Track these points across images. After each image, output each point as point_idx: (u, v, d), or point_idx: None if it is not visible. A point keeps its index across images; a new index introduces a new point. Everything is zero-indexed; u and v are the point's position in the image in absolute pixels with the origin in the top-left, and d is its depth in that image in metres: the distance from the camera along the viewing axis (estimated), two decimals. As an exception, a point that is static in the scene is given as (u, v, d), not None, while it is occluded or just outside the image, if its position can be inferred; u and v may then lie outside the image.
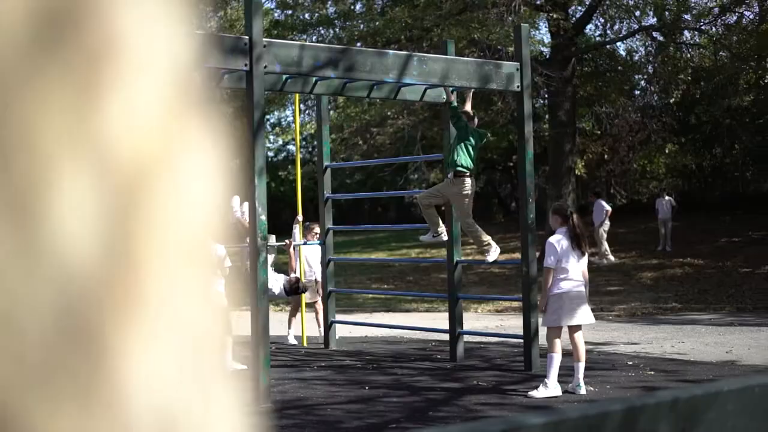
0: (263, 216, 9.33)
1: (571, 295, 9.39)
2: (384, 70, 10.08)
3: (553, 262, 9.39)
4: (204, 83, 0.56)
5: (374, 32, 24.31)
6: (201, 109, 0.54)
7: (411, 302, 20.24)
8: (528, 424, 2.88)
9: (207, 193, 0.53)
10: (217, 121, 0.57)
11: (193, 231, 0.50)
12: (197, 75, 0.55)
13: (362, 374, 10.96)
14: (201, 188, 0.52)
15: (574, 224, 9.51)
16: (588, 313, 9.55)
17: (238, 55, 9.24)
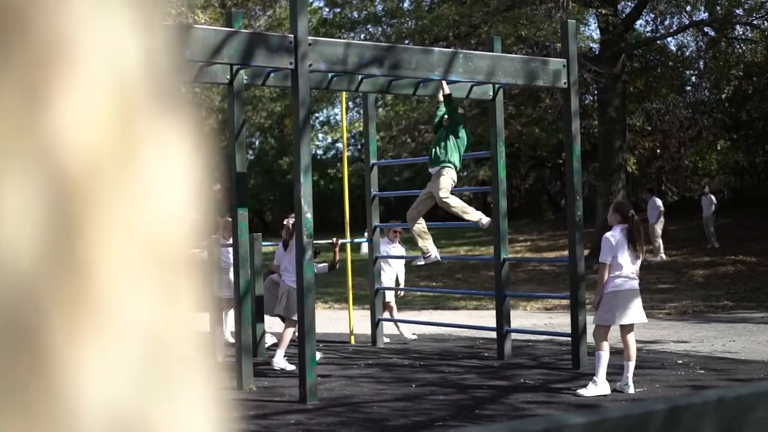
0: (309, 214, 9.35)
1: (626, 294, 9.30)
2: (429, 68, 10.06)
3: (608, 258, 9.31)
4: (173, 85, 0.55)
5: (422, 30, 24.27)
6: (167, 110, 0.53)
7: (459, 300, 20.19)
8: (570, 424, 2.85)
9: (175, 194, 0.52)
10: (189, 122, 0.56)
11: (156, 233, 0.49)
12: (165, 76, 0.54)
13: (409, 372, 10.95)
14: (167, 190, 0.51)
15: (634, 224, 9.41)
16: (641, 312, 9.46)
17: (283, 54, 9.26)
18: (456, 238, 34.12)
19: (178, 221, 0.52)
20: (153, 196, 0.50)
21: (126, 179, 0.48)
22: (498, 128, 11.87)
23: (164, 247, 0.51)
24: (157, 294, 0.50)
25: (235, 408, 8.91)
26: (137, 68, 0.51)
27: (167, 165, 0.52)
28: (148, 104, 0.52)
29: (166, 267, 0.50)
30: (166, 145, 0.53)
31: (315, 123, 52.51)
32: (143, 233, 0.49)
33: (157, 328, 0.49)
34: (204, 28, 9.30)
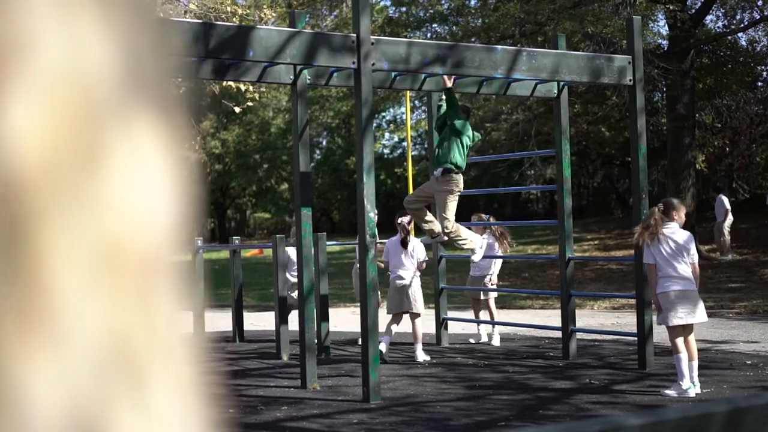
0: (371, 213, 9.36)
1: (675, 295, 9.18)
2: (493, 66, 10.01)
3: (650, 258, 9.21)
4: (153, 86, 0.54)
5: (488, 27, 24.18)
6: (142, 112, 0.52)
7: (526, 299, 20.07)
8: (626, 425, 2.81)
9: (145, 198, 0.51)
10: (170, 124, 0.56)
11: (122, 237, 0.49)
12: (142, 78, 0.53)
13: (473, 371, 10.92)
14: (136, 193, 0.50)
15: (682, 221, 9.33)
16: (701, 312, 9.31)
17: (346, 53, 9.28)
18: (523, 236, 33.93)
19: (148, 225, 0.52)
20: (118, 199, 0.50)
21: (85, 182, 0.48)
22: (563, 126, 11.78)
23: (131, 252, 0.50)
24: (121, 298, 0.49)
25: (301, 407, 8.95)
26: (103, 70, 0.50)
27: (137, 168, 0.52)
28: (116, 106, 0.51)
29: (133, 271, 0.50)
30: (137, 148, 0.52)
31: (382, 122, 52.59)
32: (105, 237, 0.49)
33: (120, 332, 0.48)
34: (266, 28, 9.36)
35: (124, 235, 0.50)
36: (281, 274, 12.60)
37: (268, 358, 12.40)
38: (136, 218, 0.51)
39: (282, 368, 11.51)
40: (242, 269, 14.73)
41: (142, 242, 0.51)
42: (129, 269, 0.50)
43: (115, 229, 0.49)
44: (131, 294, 0.50)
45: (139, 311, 0.50)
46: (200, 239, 14.79)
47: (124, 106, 0.52)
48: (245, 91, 17.23)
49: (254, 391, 9.89)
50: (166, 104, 0.56)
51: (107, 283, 0.49)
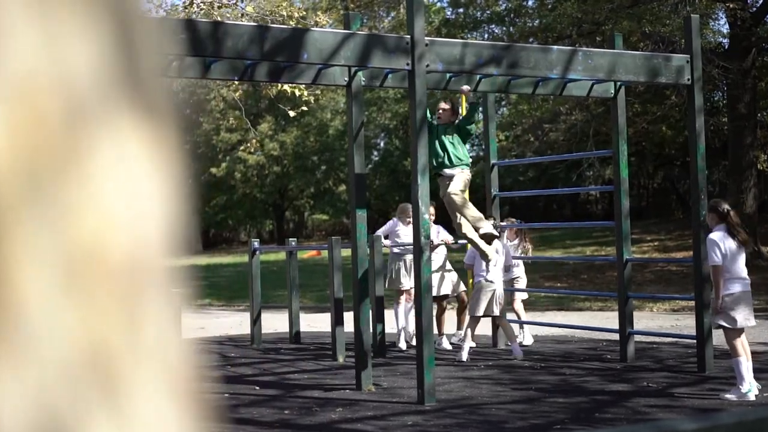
0: (426, 215, 9.34)
1: (742, 296, 9.07)
2: (548, 66, 9.95)
3: (718, 260, 9.10)
4: (141, 88, 0.53)
5: (545, 28, 24.05)
6: (128, 115, 0.52)
7: (584, 301, 19.93)
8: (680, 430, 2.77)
9: (129, 202, 0.50)
10: (159, 127, 0.55)
11: (101, 242, 0.48)
12: (128, 79, 0.52)
13: (529, 374, 10.85)
14: (119, 198, 0.49)
15: (731, 222, 9.21)
16: (750, 315, 9.23)
17: (400, 55, 9.28)
18: (581, 237, 33.71)
19: (131, 230, 0.51)
20: (98, 203, 0.49)
21: (60, 185, 0.47)
22: (620, 126, 11.67)
23: (110, 256, 0.49)
24: (98, 303, 0.48)
25: (356, 408, 8.95)
26: (85, 70, 0.49)
27: (121, 172, 0.51)
28: (98, 108, 0.50)
29: (112, 276, 0.49)
30: (122, 151, 0.51)
31: (439, 123, 52.53)
32: (81, 242, 0.48)
33: (96, 338, 0.48)
34: (320, 30, 9.38)
35: (102, 240, 0.49)
36: (337, 275, 12.62)
37: (324, 360, 12.43)
38: (117, 222, 0.50)
39: (338, 369, 11.52)
40: (299, 270, 14.78)
41: (123, 247, 0.50)
42: (107, 274, 0.49)
43: (93, 234, 0.48)
44: (110, 299, 0.49)
45: (119, 317, 0.49)
46: (257, 241, 14.87)
47: (107, 107, 0.51)
48: (300, 95, 17.31)
49: (309, 393, 9.92)
50: (155, 106, 0.55)
51: (83, 288, 0.48)
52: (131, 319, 0.50)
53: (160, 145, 0.54)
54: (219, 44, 8.52)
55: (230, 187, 54.75)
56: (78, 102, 0.49)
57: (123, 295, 0.50)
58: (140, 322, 0.51)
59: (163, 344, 0.52)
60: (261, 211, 59.18)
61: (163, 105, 0.56)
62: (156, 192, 0.53)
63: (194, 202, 0.57)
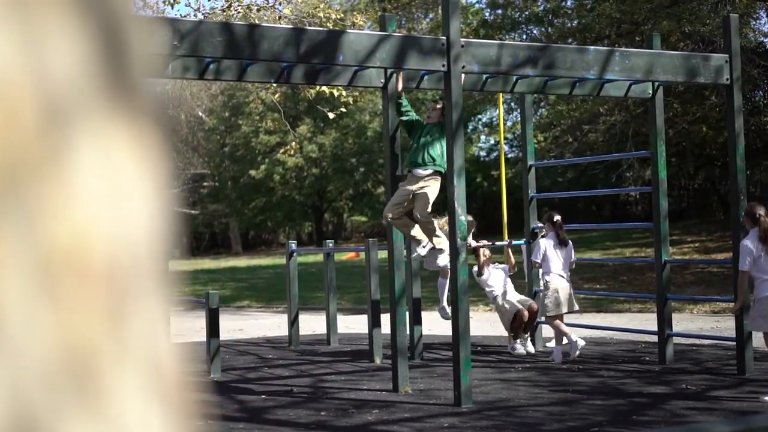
0: (462, 216, 9.33)
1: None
2: (585, 67, 9.90)
3: (746, 266, 9.05)
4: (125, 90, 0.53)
5: (583, 28, 23.93)
6: (111, 117, 0.52)
7: (623, 302, 19.79)
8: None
9: (112, 205, 0.50)
10: (146, 129, 0.55)
11: (80, 245, 0.48)
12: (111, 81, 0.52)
13: (567, 376, 10.80)
14: (99, 200, 0.49)
15: (761, 225, 9.16)
16: None
17: (436, 56, 9.27)
18: (621, 239, 33.50)
19: (114, 233, 0.51)
20: (78, 206, 0.49)
21: (36, 188, 0.47)
22: (658, 127, 11.59)
23: (91, 259, 0.49)
24: (77, 305, 0.48)
25: (392, 410, 8.95)
26: (66, 72, 0.50)
27: (104, 175, 0.51)
28: (80, 110, 0.50)
29: (92, 278, 0.49)
30: (105, 153, 0.51)
31: (478, 125, 52.41)
32: (60, 244, 0.48)
33: (75, 340, 0.48)
34: (356, 32, 9.39)
35: (82, 242, 0.49)
36: (374, 277, 12.63)
37: (361, 361, 12.44)
38: (97, 224, 0.50)
39: (375, 371, 11.53)
40: (338, 272, 14.81)
41: (104, 249, 0.50)
42: (87, 276, 0.49)
43: (72, 236, 0.49)
44: (90, 301, 0.49)
45: (99, 319, 0.49)
46: (294, 243, 14.91)
47: (89, 109, 0.51)
48: (338, 97, 17.33)
49: (346, 394, 9.93)
50: (140, 108, 0.55)
51: (61, 290, 0.48)
52: (112, 321, 0.50)
53: (145, 147, 0.54)
54: (255, 47, 8.55)
55: (269, 189, 54.95)
56: (57, 104, 0.49)
57: (104, 297, 0.50)
58: (122, 324, 0.51)
59: (147, 346, 0.52)
60: (300, 213, 59.36)
61: (149, 107, 0.56)
62: (141, 194, 0.53)
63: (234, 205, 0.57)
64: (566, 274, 12.09)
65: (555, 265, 11.95)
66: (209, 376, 11.35)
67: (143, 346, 0.52)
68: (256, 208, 56.61)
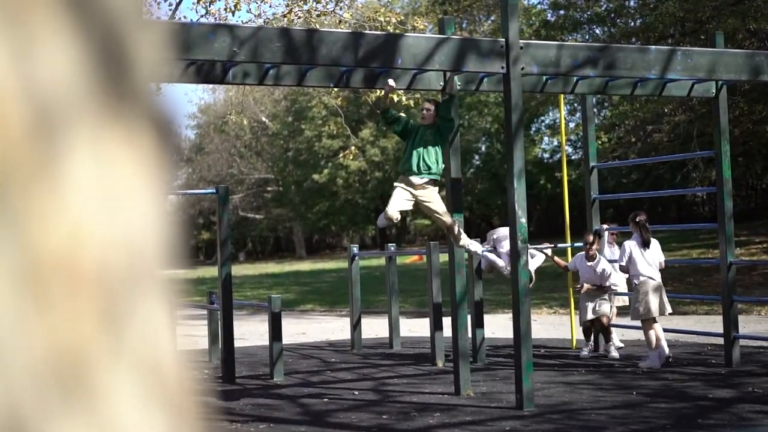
0: (523, 219, 9.28)
1: None
2: (646, 67, 9.80)
3: None
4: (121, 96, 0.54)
5: (646, 28, 23.69)
6: (106, 122, 0.52)
7: (689, 304, 19.55)
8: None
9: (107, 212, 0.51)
10: (143, 136, 0.55)
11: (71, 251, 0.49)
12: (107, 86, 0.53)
13: (631, 379, 10.70)
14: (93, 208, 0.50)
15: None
16: None
17: (495, 58, 9.25)
18: (688, 240, 33.11)
19: (109, 240, 0.51)
20: (70, 213, 0.50)
21: (26, 195, 0.48)
22: (722, 127, 11.44)
23: (84, 265, 0.50)
24: (68, 312, 0.49)
25: (454, 413, 8.93)
26: (60, 79, 0.50)
27: (99, 182, 0.52)
28: (75, 117, 0.51)
29: (85, 285, 0.50)
30: (101, 160, 0.52)
31: (541, 126, 52.15)
32: (50, 251, 0.48)
33: (64, 346, 0.48)
34: (414, 36, 9.39)
35: (73, 248, 0.50)
36: (436, 280, 12.62)
37: (423, 364, 12.43)
38: (91, 230, 0.51)
39: (437, 374, 11.52)
40: (401, 276, 14.82)
41: (97, 255, 0.51)
42: (79, 281, 0.50)
43: (63, 242, 0.49)
44: (82, 306, 0.50)
45: (92, 324, 0.50)
46: (356, 246, 14.95)
47: (84, 115, 0.52)
48: (399, 101, 17.35)
49: (408, 398, 9.93)
50: (141, 114, 0.55)
51: (51, 295, 0.48)
52: (106, 325, 0.51)
53: (144, 153, 0.55)
54: (314, 52, 8.60)
55: (332, 193, 55.20)
56: (47, 109, 0.49)
57: (96, 301, 0.50)
58: (116, 328, 0.51)
59: (144, 351, 0.53)
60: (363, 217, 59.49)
61: (149, 112, 0.56)
62: (138, 200, 0.54)
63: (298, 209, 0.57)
64: (656, 275, 11.75)
65: (643, 267, 11.66)
66: (272, 380, 11.41)
67: (140, 351, 0.52)
68: (319, 212, 56.87)
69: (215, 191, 11.88)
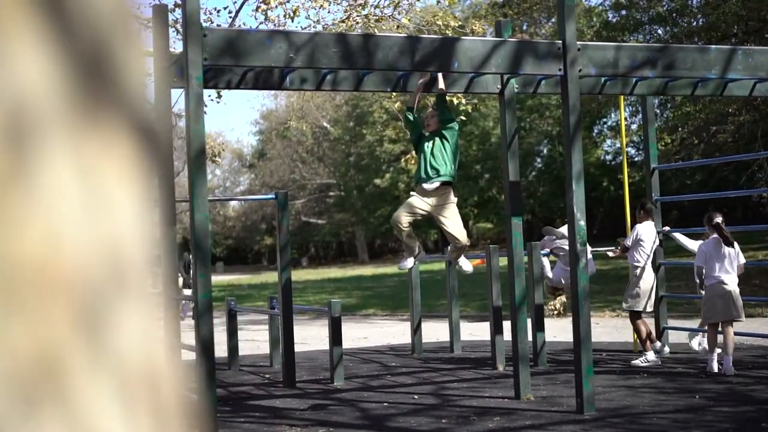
0: (582, 221, 9.22)
1: None
2: (706, 66, 9.69)
3: None
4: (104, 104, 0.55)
5: (708, 27, 23.41)
6: (86, 135, 0.53)
7: (755, 307, 19.26)
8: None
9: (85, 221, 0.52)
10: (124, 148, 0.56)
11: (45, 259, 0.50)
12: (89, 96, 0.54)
13: (693, 382, 10.57)
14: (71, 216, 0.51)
15: None
16: None
17: (552, 61, 9.20)
18: (754, 242, 32.65)
19: (88, 243, 0.52)
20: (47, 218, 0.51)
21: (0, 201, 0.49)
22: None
23: (62, 269, 0.51)
24: (45, 317, 0.50)
25: (513, 417, 8.89)
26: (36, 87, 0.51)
27: (79, 187, 0.53)
28: (53, 125, 0.52)
29: (62, 289, 0.51)
30: (81, 167, 0.53)
31: (603, 128, 51.72)
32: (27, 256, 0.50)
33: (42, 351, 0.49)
34: (470, 39, 9.37)
35: (51, 253, 0.51)
36: (496, 284, 12.58)
37: (483, 368, 12.39)
38: (69, 235, 0.52)
39: (497, 378, 11.47)
40: (462, 279, 14.79)
41: (77, 259, 0.52)
42: (56, 286, 0.51)
43: (40, 247, 0.50)
44: (60, 310, 0.51)
45: (69, 328, 0.51)
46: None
47: (63, 121, 0.53)
48: (458, 104, 17.32)
49: (468, 402, 9.90)
50: (125, 120, 0.56)
51: (27, 300, 0.50)
52: (84, 330, 0.52)
53: (127, 158, 0.56)
54: (370, 56, 8.62)
55: (394, 197, 55.23)
56: (22, 117, 0.50)
57: (74, 306, 0.51)
58: (95, 333, 0.52)
59: (124, 356, 0.54)
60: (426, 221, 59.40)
61: (134, 117, 0.57)
62: (120, 205, 0.55)
63: (360, 214, 0.57)
64: (730, 278, 11.44)
65: (716, 270, 11.44)
66: (332, 384, 11.45)
67: (120, 356, 0.53)
68: (381, 217, 56.93)
69: (275, 197, 11.96)
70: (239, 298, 26.62)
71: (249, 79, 9.83)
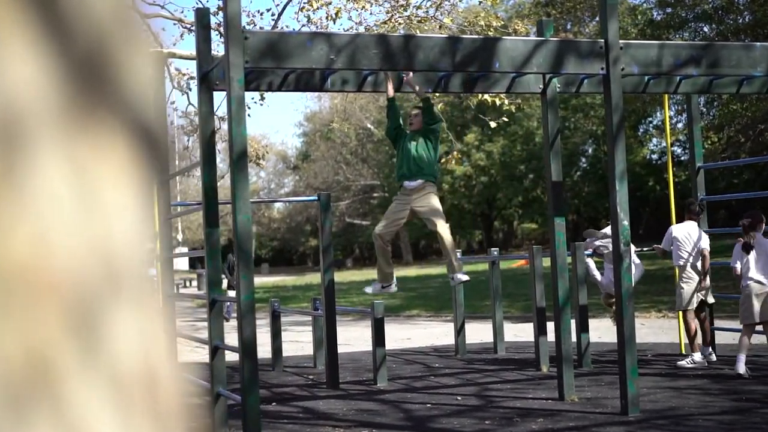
0: (626, 221, 9.15)
1: None
2: (751, 64, 9.58)
3: None
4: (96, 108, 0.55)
5: (755, 24, 23.16)
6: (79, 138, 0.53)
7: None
8: None
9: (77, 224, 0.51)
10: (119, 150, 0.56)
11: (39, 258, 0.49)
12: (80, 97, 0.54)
13: (740, 384, 10.45)
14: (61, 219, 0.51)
15: None
16: None
17: (594, 60, 9.14)
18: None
19: (80, 246, 0.52)
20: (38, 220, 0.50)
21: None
22: None
23: (53, 272, 0.50)
24: (36, 319, 0.50)
25: (557, 419, 8.84)
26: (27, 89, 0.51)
27: (72, 189, 0.52)
28: (47, 130, 0.51)
29: (54, 291, 0.50)
30: (74, 169, 0.53)
31: (648, 127, 51.37)
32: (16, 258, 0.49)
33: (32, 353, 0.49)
34: (512, 39, 9.33)
35: (42, 255, 0.50)
36: (539, 284, 12.52)
37: (527, 370, 12.34)
38: (62, 237, 0.51)
39: (541, 379, 11.42)
40: (506, 280, 14.75)
41: (70, 261, 0.51)
42: (48, 288, 0.50)
43: (30, 249, 0.50)
44: (51, 313, 0.50)
45: (61, 330, 0.51)
46: (459, 251, 14.91)
47: (57, 123, 0.52)
48: (501, 105, 17.27)
49: (512, 403, 9.86)
50: (122, 121, 0.56)
51: (18, 302, 0.49)
52: (76, 332, 0.51)
53: (123, 159, 0.55)
54: (410, 57, 8.61)
55: (439, 198, 55.17)
56: (12, 118, 0.50)
57: (66, 308, 0.51)
58: (88, 335, 0.52)
59: (119, 358, 0.53)
60: (470, 222, 59.36)
61: (131, 118, 0.57)
62: (116, 206, 0.54)
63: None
64: (765, 279, 11.18)
65: (753, 270, 11.27)
66: (375, 385, 11.46)
67: (115, 358, 0.53)
68: (425, 218, 56.89)
69: (317, 198, 11.98)
70: (284, 299, 26.74)
71: (290, 81, 9.86)
